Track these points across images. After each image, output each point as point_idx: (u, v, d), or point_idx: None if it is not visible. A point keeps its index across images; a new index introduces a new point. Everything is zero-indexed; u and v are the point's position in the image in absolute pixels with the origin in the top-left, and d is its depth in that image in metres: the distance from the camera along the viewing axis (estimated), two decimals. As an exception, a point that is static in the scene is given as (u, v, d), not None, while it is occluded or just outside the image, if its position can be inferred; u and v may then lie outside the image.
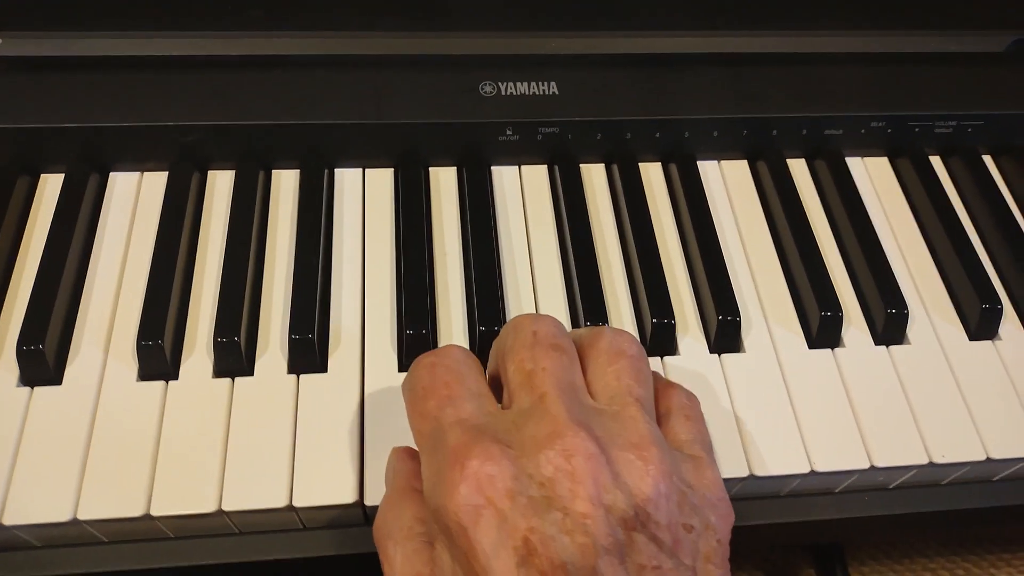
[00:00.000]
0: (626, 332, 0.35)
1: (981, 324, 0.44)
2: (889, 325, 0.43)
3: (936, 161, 0.52)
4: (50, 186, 0.46)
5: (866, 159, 0.52)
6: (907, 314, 0.44)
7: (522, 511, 0.27)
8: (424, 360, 0.33)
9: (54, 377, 0.39)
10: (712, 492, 0.31)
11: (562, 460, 0.28)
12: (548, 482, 0.28)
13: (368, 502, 0.37)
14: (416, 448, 0.36)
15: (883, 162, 0.52)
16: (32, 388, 0.39)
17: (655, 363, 0.42)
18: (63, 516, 0.35)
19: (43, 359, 0.39)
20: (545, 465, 0.28)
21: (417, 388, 0.32)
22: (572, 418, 0.29)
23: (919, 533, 0.54)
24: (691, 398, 0.36)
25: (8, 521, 0.35)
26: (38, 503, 0.36)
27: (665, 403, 0.35)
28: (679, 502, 0.29)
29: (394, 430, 0.39)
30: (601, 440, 0.29)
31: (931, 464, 0.40)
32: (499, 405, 0.33)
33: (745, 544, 0.32)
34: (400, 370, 0.41)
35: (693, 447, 0.33)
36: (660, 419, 0.34)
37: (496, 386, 0.35)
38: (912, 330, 0.44)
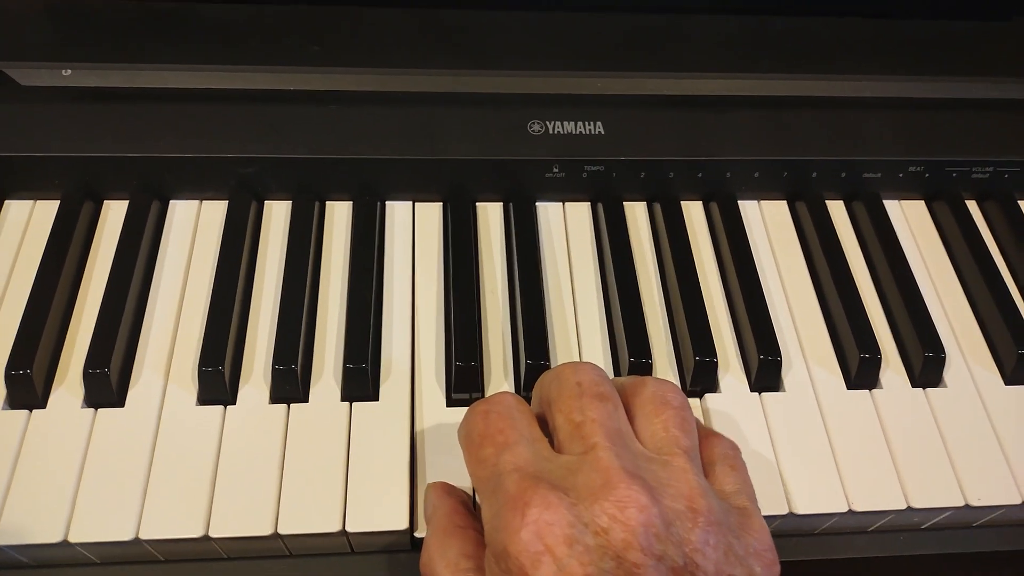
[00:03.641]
0: (669, 382, 0.36)
1: (1017, 369, 0.45)
2: (927, 368, 0.44)
3: (972, 205, 0.53)
4: (113, 212, 0.48)
5: (903, 202, 0.53)
6: (944, 358, 0.44)
7: (578, 558, 0.28)
8: (478, 408, 0.35)
9: (117, 400, 0.41)
10: (759, 542, 0.31)
11: (616, 511, 0.29)
12: (603, 531, 0.29)
13: (418, 529, 0.38)
14: (451, 483, 0.38)
15: (920, 205, 0.53)
16: (96, 410, 0.40)
17: (696, 401, 0.43)
18: (125, 535, 0.37)
19: (107, 382, 0.40)
20: (600, 515, 0.29)
21: (473, 435, 0.34)
22: (623, 468, 0.30)
23: (951, 573, 0.55)
24: (734, 448, 0.37)
25: (74, 539, 0.37)
26: (102, 522, 0.37)
27: (709, 452, 0.36)
28: (725, 552, 0.30)
29: (443, 458, 0.40)
30: (653, 490, 0.30)
31: (967, 506, 0.41)
32: (551, 448, 0.34)
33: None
34: (448, 401, 0.42)
35: (739, 498, 0.33)
36: (705, 468, 0.35)
37: (543, 427, 0.36)
38: (948, 373, 0.45)
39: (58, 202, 0.47)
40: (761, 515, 0.33)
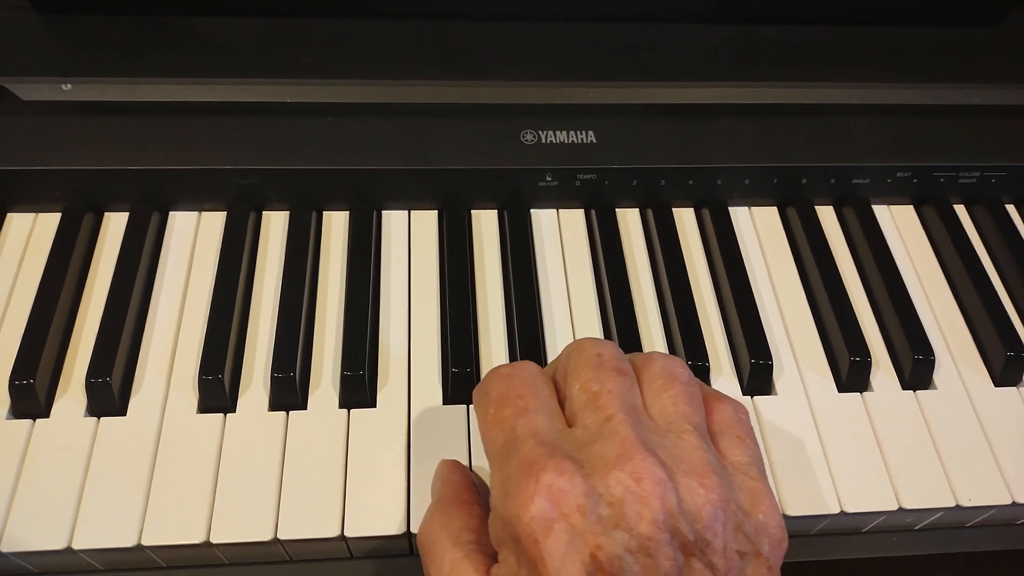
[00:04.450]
0: (676, 357, 0.36)
1: (1006, 371, 0.46)
2: (916, 371, 0.45)
3: (960, 209, 0.54)
4: (113, 224, 0.48)
5: (892, 207, 0.53)
6: (934, 360, 0.45)
7: (591, 528, 0.28)
8: (501, 370, 0.34)
9: (119, 408, 0.41)
10: (768, 518, 0.31)
11: (632, 482, 0.29)
12: (617, 502, 0.29)
13: (415, 530, 0.39)
14: (460, 462, 0.38)
15: (909, 210, 0.54)
16: (98, 419, 0.41)
17: (689, 403, 0.44)
18: (128, 542, 0.37)
19: (109, 391, 0.41)
20: (615, 486, 0.29)
21: (492, 394, 0.34)
22: (640, 441, 0.30)
23: (943, 573, 0.55)
24: (741, 412, 0.36)
25: (77, 545, 0.37)
26: (105, 529, 0.38)
27: (716, 420, 0.35)
28: (735, 529, 0.30)
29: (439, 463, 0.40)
30: (667, 465, 0.30)
31: (958, 507, 0.42)
32: (566, 423, 0.33)
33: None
34: (445, 405, 0.43)
35: (750, 470, 0.33)
36: (712, 437, 0.34)
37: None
38: (938, 375, 0.46)
39: (59, 215, 0.48)
40: (771, 490, 0.33)
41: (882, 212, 0.53)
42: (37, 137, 0.47)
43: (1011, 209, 0.54)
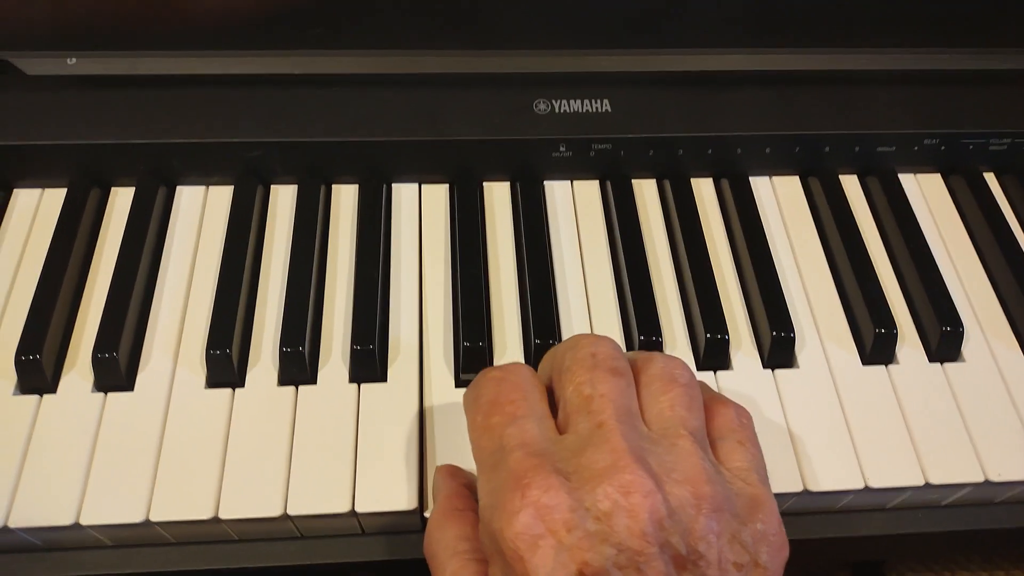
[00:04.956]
0: (677, 358, 0.35)
1: (1038, 342, 0.44)
2: (944, 343, 0.43)
3: (990, 178, 0.52)
4: (120, 199, 0.48)
5: (919, 176, 0.52)
6: (962, 332, 0.43)
7: (578, 543, 0.27)
8: (491, 374, 0.34)
9: (126, 384, 0.41)
10: (767, 525, 0.30)
11: (620, 496, 0.28)
12: (604, 516, 0.28)
13: (427, 510, 0.38)
14: (456, 465, 0.38)
15: (936, 179, 0.52)
16: (106, 394, 0.40)
17: (708, 377, 0.43)
18: (136, 517, 0.37)
19: (116, 366, 0.40)
20: (603, 500, 0.28)
21: (482, 401, 0.33)
22: (630, 451, 0.29)
23: (971, 551, 0.54)
24: (743, 416, 0.35)
25: (85, 521, 0.37)
26: (113, 504, 0.37)
27: (717, 424, 0.34)
28: (730, 539, 0.29)
29: (451, 438, 0.40)
30: (657, 475, 0.29)
31: (987, 482, 0.40)
32: (556, 428, 0.33)
33: (794, 558, 0.32)
34: (457, 381, 0.42)
35: (749, 476, 0.32)
36: (712, 442, 0.33)
37: (549, 397, 0.35)
38: (967, 348, 0.44)
39: (65, 190, 0.47)
40: (771, 495, 0.32)
41: (908, 181, 0.51)
42: (42, 112, 0.46)
43: (1042, 177, 0.52)
